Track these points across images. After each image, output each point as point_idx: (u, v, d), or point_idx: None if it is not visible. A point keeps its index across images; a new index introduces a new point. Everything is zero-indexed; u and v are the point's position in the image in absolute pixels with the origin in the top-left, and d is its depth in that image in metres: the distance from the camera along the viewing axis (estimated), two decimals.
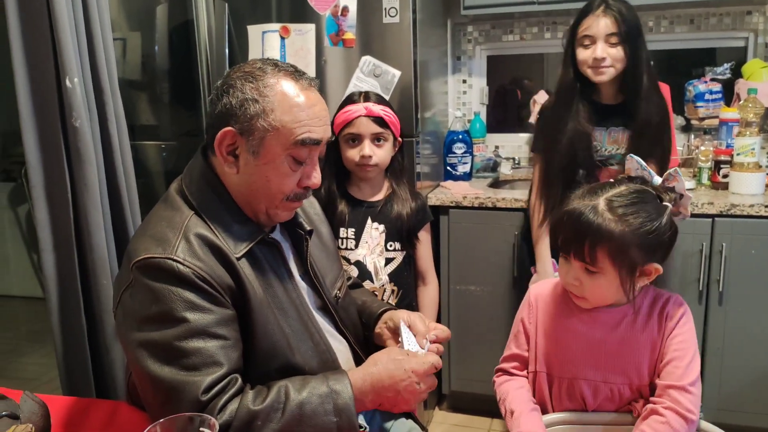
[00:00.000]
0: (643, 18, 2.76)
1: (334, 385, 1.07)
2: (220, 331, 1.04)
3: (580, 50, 1.94)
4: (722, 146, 2.46)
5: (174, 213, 1.13)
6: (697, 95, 2.66)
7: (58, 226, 1.72)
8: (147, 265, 1.04)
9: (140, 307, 1.04)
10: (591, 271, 1.17)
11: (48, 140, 1.67)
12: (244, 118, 1.10)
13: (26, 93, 1.64)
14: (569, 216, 1.17)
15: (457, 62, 3.05)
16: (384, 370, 1.12)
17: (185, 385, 1.00)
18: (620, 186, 1.20)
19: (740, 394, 2.31)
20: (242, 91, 1.10)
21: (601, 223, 1.14)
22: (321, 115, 1.14)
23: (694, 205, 2.23)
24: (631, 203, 1.16)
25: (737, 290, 2.24)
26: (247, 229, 1.15)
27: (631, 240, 1.15)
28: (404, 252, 1.92)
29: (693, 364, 1.20)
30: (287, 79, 1.12)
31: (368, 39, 2.31)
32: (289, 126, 1.10)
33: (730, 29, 2.71)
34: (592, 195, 1.19)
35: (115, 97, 1.81)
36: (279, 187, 1.13)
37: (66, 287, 1.74)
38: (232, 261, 1.09)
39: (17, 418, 1.01)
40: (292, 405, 1.03)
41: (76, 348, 1.77)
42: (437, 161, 2.77)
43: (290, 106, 1.10)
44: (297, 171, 1.14)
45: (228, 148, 1.12)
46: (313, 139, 1.12)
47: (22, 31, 1.61)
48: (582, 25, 1.93)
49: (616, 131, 2.02)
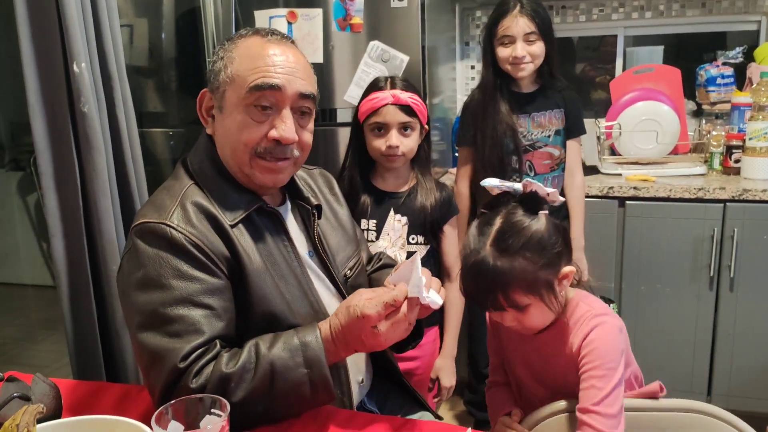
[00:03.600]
0: (654, 1, 2.74)
1: (303, 338, 1.06)
2: (206, 300, 1.05)
3: (501, 48, 2.06)
4: (734, 131, 2.43)
5: (175, 182, 1.16)
6: (709, 79, 2.63)
7: (68, 212, 1.72)
8: (142, 230, 1.08)
9: (133, 270, 1.07)
10: (519, 308, 1.15)
11: (56, 126, 1.67)
12: (213, 78, 1.15)
13: (34, 78, 1.63)
14: (469, 276, 1.15)
15: (466, 48, 3.03)
16: (343, 318, 1.06)
17: (166, 351, 1.01)
18: (495, 222, 1.14)
19: (751, 380, 2.30)
20: (217, 54, 1.16)
21: (499, 269, 1.11)
22: (284, 64, 1.12)
23: (705, 190, 2.22)
24: (515, 234, 1.12)
25: (749, 276, 2.23)
26: (244, 198, 1.16)
27: (533, 267, 1.11)
28: (428, 246, 1.83)
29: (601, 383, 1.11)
30: (255, 36, 1.15)
31: (376, 24, 2.29)
32: (243, 74, 1.11)
33: (742, 12, 2.67)
34: (477, 244, 1.14)
35: (122, 83, 1.80)
36: (240, 139, 1.12)
37: (76, 273, 1.75)
38: (226, 229, 1.10)
39: (29, 399, 1.01)
40: (264, 362, 1.03)
41: (86, 334, 1.78)
42: (445, 147, 2.76)
43: (249, 57, 1.12)
44: (261, 122, 1.11)
45: (207, 111, 1.17)
46: (268, 83, 1.09)
47: (30, 15, 1.61)
48: (501, 25, 2.04)
49: (539, 116, 2.16)
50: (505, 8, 2.04)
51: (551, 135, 2.17)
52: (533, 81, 2.17)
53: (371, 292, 1.07)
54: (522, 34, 2.02)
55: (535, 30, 2.01)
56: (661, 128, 2.53)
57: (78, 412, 1.14)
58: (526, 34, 2.02)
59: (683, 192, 2.25)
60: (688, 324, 2.33)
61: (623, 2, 2.80)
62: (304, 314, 1.16)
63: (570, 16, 2.86)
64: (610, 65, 2.95)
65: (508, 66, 2.07)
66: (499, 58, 2.07)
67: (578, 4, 2.84)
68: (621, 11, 2.81)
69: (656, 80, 2.64)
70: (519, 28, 2.01)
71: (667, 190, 2.27)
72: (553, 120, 2.17)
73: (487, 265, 1.11)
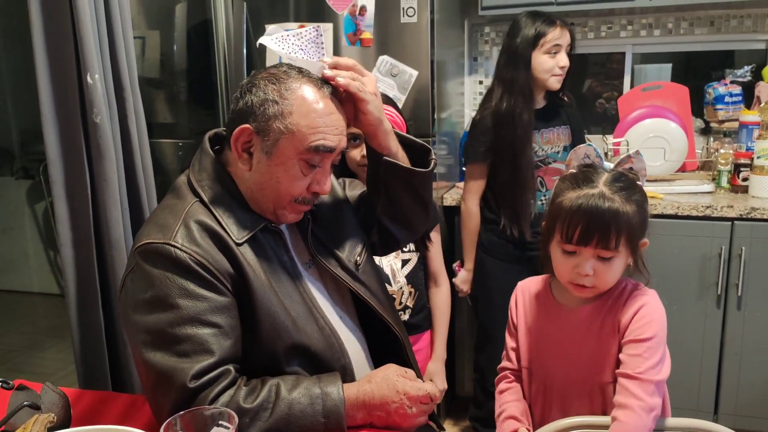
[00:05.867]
0: (662, 19, 2.75)
1: (325, 387, 1.09)
2: (213, 318, 1.06)
3: (546, 58, 2.10)
4: (742, 149, 2.43)
5: (177, 201, 1.16)
6: (717, 98, 2.63)
7: (78, 221, 1.73)
8: (146, 251, 1.08)
9: (138, 291, 1.08)
10: (605, 257, 1.17)
11: (68, 136, 1.68)
12: (263, 118, 1.11)
13: (47, 89, 1.65)
14: (584, 207, 1.16)
15: (474, 63, 3.05)
16: (377, 388, 1.14)
17: (174, 371, 1.02)
18: (602, 172, 1.22)
19: (758, 399, 2.28)
20: (264, 92, 1.11)
21: (618, 207, 1.15)
22: (337, 124, 1.14)
23: (713, 208, 2.22)
24: (626, 185, 1.19)
25: (756, 295, 2.22)
26: (250, 216, 1.17)
27: (638, 218, 1.18)
28: (418, 253, 1.92)
29: (649, 353, 1.15)
30: (309, 85, 1.12)
31: (386, 38, 2.31)
32: (304, 131, 1.10)
33: (751, 31, 2.68)
34: (587, 184, 1.19)
35: (135, 95, 1.82)
36: (288, 189, 1.14)
37: (84, 282, 1.75)
38: (231, 247, 1.11)
39: (38, 408, 1.02)
40: (282, 404, 1.05)
41: (93, 343, 1.78)
42: (453, 162, 2.77)
43: (308, 111, 1.11)
44: (308, 176, 1.14)
45: (244, 145, 1.14)
46: (326, 146, 1.12)
47: (45, 28, 1.63)
48: (548, 35, 2.09)
49: (548, 132, 2.21)
50: (549, 20, 2.11)
51: (560, 151, 2.19)
52: (544, 96, 2.19)
53: (404, 372, 1.18)
54: (566, 45, 2.11)
55: (571, 44, 2.12)
56: (669, 145, 2.53)
57: (85, 421, 1.14)
58: (567, 45, 2.11)
59: (691, 210, 2.25)
60: (695, 342, 2.32)
61: (632, 20, 2.81)
62: (309, 332, 1.17)
63: (579, 32, 2.87)
64: (617, 81, 2.96)
65: (549, 75, 2.11)
66: (544, 68, 2.11)
67: (587, 21, 2.86)
68: (629, 29, 2.83)
69: (664, 98, 2.65)
70: (565, 39, 2.10)
71: (675, 207, 2.26)
72: (560, 136, 2.19)
73: (605, 199, 1.16)
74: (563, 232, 1.18)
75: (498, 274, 2.25)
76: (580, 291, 1.22)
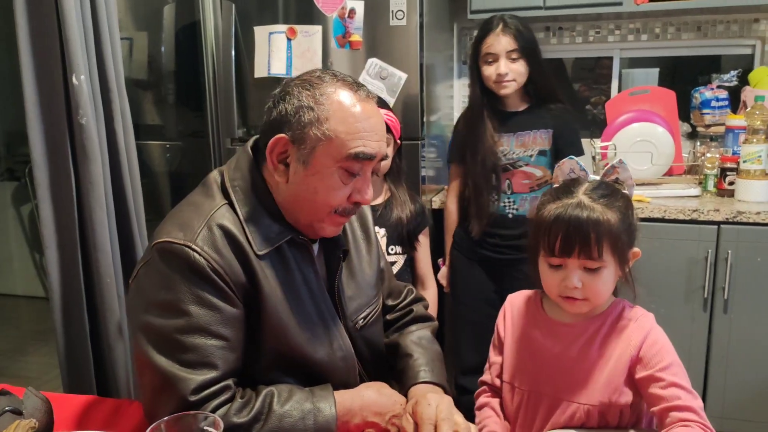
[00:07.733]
0: (649, 24, 2.77)
1: (317, 402, 1.08)
2: (222, 330, 1.04)
3: (485, 67, 2.12)
4: (728, 153, 2.45)
5: (205, 200, 1.11)
6: (703, 102, 2.65)
7: (63, 224, 1.71)
8: (165, 249, 1.05)
9: (150, 288, 1.06)
10: (591, 269, 1.16)
11: (54, 137, 1.67)
12: (298, 126, 1.06)
13: (33, 89, 1.64)
14: (562, 216, 1.15)
15: (463, 66, 3.05)
16: (375, 394, 1.15)
17: (177, 380, 1.00)
18: (584, 183, 1.20)
19: (745, 402, 2.29)
20: (298, 98, 1.06)
21: (598, 215, 1.13)
22: (377, 128, 1.08)
23: (700, 211, 2.23)
24: (607, 193, 1.17)
25: (743, 298, 2.23)
26: (278, 227, 1.11)
27: (620, 227, 1.15)
28: (405, 255, 1.93)
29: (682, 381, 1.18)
30: (345, 88, 1.07)
31: (375, 41, 2.31)
32: (342, 137, 1.05)
33: (737, 36, 2.70)
34: (566, 195, 1.17)
35: (121, 96, 1.81)
36: (326, 200, 1.09)
37: (69, 285, 1.74)
38: (250, 258, 1.07)
39: (20, 413, 1.00)
40: (273, 417, 1.04)
41: (78, 346, 1.76)
42: (441, 165, 2.77)
43: (346, 116, 1.05)
44: (348, 185, 1.09)
45: (279, 156, 1.08)
46: (367, 153, 1.06)
47: (30, 28, 1.62)
48: (484, 43, 2.11)
49: (523, 135, 2.19)
50: (488, 27, 2.11)
51: (533, 155, 2.18)
52: (521, 100, 2.21)
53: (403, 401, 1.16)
54: (504, 52, 2.07)
55: (517, 48, 2.07)
56: (656, 149, 2.55)
57: (69, 426, 1.13)
58: (509, 51, 2.07)
59: (677, 213, 2.26)
60: (681, 345, 2.30)
61: (619, 25, 2.83)
62: (322, 354, 1.15)
63: (566, 37, 2.89)
64: (605, 86, 2.97)
65: (492, 84, 2.12)
66: (484, 76, 2.13)
67: (575, 25, 2.87)
68: (617, 33, 2.84)
69: (651, 102, 2.66)
70: (501, 46, 2.07)
71: (662, 211, 2.28)
72: (537, 140, 2.19)
73: (584, 208, 1.14)
74: (546, 245, 1.17)
75: (462, 268, 2.33)
76: (571, 304, 1.19)
